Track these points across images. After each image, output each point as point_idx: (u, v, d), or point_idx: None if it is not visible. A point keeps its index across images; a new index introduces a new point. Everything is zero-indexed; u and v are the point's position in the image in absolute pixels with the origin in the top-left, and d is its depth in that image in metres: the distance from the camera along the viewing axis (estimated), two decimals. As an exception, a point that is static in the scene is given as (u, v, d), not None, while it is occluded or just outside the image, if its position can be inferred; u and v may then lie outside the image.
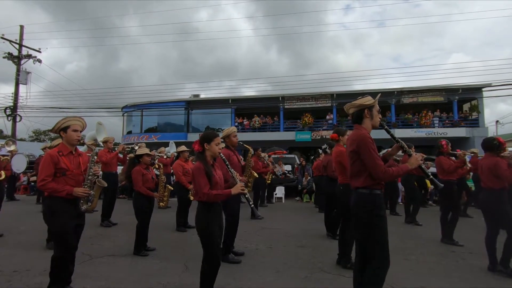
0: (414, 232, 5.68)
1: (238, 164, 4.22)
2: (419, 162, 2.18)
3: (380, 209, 2.18)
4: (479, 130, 16.80)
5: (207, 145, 2.50)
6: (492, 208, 3.70)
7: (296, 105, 19.97)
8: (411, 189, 6.67)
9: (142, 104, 22.28)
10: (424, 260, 4.03)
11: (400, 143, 2.34)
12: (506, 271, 3.44)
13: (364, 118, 2.31)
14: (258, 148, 7.57)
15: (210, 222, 2.41)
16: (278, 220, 6.82)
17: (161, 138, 20.00)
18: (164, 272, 3.51)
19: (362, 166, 2.19)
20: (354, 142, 2.22)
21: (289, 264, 3.83)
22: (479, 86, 17.23)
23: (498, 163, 3.67)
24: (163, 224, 6.09)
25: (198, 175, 2.39)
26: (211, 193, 2.36)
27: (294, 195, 10.98)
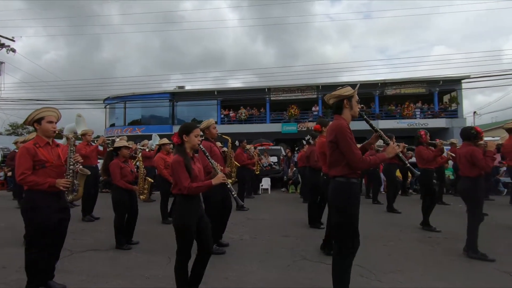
0: (394, 219, 5.87)
1: (220, 156, 4.21)
2: (396, 151, 2.24)
3: (355, 197, 2.24)
4: (458, 120, 17.39)
5: (186, 137, 2.46)
6: (469, 194, 3.86)
7: (282, 96, 19.98)
8: (392, 179, 6.86)
9: (125, 96, 21.70)
10: (402, 246, 4.19)
11: (379, 132, 2.39)
12: (477, 255, 3.62)
13: (343, 109, 2.33)
14: (243, 139, 7.55)
15: (188, 215, 2.39)
16: (263, 211, 6.89)
17: (145, 130, 19.61)
18: (148, 265, 3.49)
19: (340, 155, 2.23)
20: (333, 132, 2.25)
21: (272, 253, 3.89)
22: (459, 78, 17.76)
23: (475, 152, 3.81)
24: (147, 218, 6.02)
25: (177, 168, 2.36)
26: (191, 186, 2.34)
27: (280, 186, 11.09)
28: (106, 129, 22.45)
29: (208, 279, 3.02)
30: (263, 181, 10.48)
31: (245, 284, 2.97)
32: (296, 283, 2.98)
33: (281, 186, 11.05)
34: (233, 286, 2.95)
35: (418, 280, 3.04)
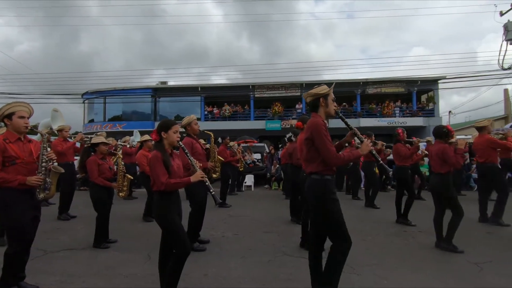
0: (372, 215, 6.06)
1: (202, 152, 4.19)
2: (369, 148, 2.31)
3: (331, 193, 2.29)
4: (434, 119, 18.09)
5: (164, 134, 2.43)
6: (439, 190, 4.04)
7: (266, 94, 20.05)
8: (371, 175, 7.06)
9: (105, 91, 21.04)
10: (379, 240, 4.33)
11: (354, 130, 2.46)
12: (449, 247, 3.81)
13: (319, 107, 2.38)
14: (226, 136, 7.53)
15: (169, 211, 2.37)
16: (246, 207, 6.91)
17: (126, 127, 19.12)
18: (126, 264, 3.43)
19: (316, 152, 2.28)
20: (309, 129, 2.29)
21: (254, 249, 3.91)
22: (435, 78, 18.46)
23: (446, 149, 3.99)
24: (127, 215, 5.92)
25: (155, 164, 2.33)
26: (169, 182, 2.32)
27: (263, 183, 11.16)
28: (84, 125, 21.70)
29: (187, 277, 3.01)
30: (247, 178, 10.51)
31: (225, 280, 2.98)
32: (276, 278, 3.02)
33: (265, 183, 11.12)
34: (212, 282, 2.95)
35: (394, 272, 3.16)
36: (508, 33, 13.81)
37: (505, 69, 14.28)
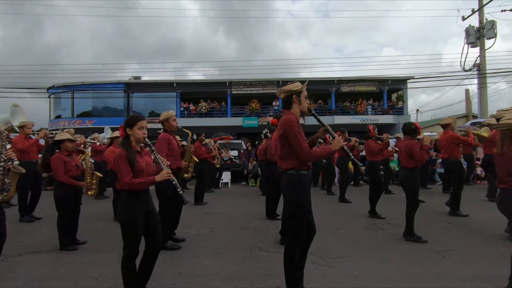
0: (345, 209, 6.26)
1: (178, 149, 4.11)
2: (341, 144, 2.38)
3: (305, 188, 2.34)
4: (403, 117, 18.96)
5: (129, 130, 2.34)
6: (406, 184, 4.26)
7: (244, 90, 19.99)
8: (345, 171, 7.30)
9: (72, 85, 19.91)
10: (351, 233, 4.49)
11: (326, 127, 2.52)
12: (413, 238, 4.03)
13: (292, 103, 2.41)
14: (201, 133, 7.43)
15: (133, 210, 2.29)
16: (222, 204, 6.88)
17: (97, 123, 18.25)
18: (96, 265, 3.30)
19: (290, 149, 2.31)
20: (282, 126, 2.32)
21: (229, 246, 3.91)
22: (404, 78, 19.35)
23: (413, 145, 4.20)
24: (97, 215, 5.69)
25: (119, 162, 2.25)
26: (133, 182, 2.24)
27: (240, 180, 11.17)
28: (50, 121, 20.45)
29: (161, 275, 2.96)
30: (223, 175, 10.45)
31: (200, 278, 2.96)
32: (252, 274, 3.04)
33: (242, 180, 11.13)
34: (187, 281, 2.91)
35: (363, 263, 3.30)
36: (469, 37, 14.78)
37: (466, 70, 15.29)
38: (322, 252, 3.57)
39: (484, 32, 14.43)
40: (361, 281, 2.87)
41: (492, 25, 14.22)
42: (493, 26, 14.21)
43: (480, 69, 14.81)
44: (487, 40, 14.58)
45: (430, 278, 2.90)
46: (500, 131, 2.61)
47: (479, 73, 14.86)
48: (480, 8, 14.72)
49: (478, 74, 14.94)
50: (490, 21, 14.35)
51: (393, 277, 2.93)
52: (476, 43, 14.72)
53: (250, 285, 2.81)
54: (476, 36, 14.62)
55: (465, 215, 5.34)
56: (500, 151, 2.56)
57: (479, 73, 14.86)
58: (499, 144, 2.59)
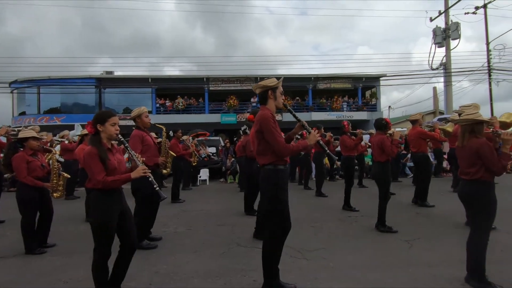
0: (321, 203, 6.43)
1: (154, 146, 4.01)
2: (316, 138, 2.44)
3: (283, 183, 2.38)
4: (376, 114, 19.69)
5: (100, 126, 2.25)
6: (378, 177, 4.44)
7: (221, 87, 19.82)
8: (321, 166, 7.47)
9: (38, 80, 18.72)
10: (327, 226, 4.63)
11: (302, 122, 2.56)
12: (385, 229, 4.23)
13: (268, 99, 2.43)
14: (178, 129, 7.29)
15: (105, 210, 2.21)
16: (200, 202, 6.82)
17: (66, 120, 17.34)
18: (66, 268, 3.16)
19: (267, 144, 2.34)
20: (258, 122, 2.34)
21: (207, 243, 3.89)
22: (377, 76, 20.06)
23: (384, 140, 4.39)
24: (68, 216, 5.44)
25: (90, 160, 2.16)
26: (106, 180, 2.16)
27: (218, 177, 11.10)
28: (14, 118, 19.15)
29: (136, 275, 2.89)
30: (201, 172, 10.35)
31: (177, 276, 2.92)
32: (230, 270, 3.05)
33: (220, 177, 11.07)
34: (164, 280, 2.87)
35: (339, 254, 3.42)
36: (436, 37, 15.58)
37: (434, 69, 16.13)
38: (299, 245, 3.65)
39: (449, 33, 15.27)
40: (336, 271, 2.97)
41: (456, 26, 15.07)
42: (458, 27, 15.07)
43: (446, 68, 15.68)
44: (452, 40, 15.44)
45: (400, 265, 3.06)
46: (461, 126, 2.79)
47: (445, 72, 15.73)
48: (446, 10, 15.54)
49: (444, 72, 15.81)
50: (455, 22, 15.21)
51: (366, 266, 3.06)
52: (443, 43, 15.54)
53: (228, 281, 2.82)
54: (443, 37, 15.44)
55: (431, 205, 5.67)
56: (461, 145, 2.74)
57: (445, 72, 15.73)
58: (460, 138, 2.76)
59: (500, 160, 2.54)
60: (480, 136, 2.65)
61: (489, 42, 16.52)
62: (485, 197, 2.60)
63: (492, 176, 2.62)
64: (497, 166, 2.54)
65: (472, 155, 2.62)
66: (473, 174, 2.63)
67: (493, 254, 2.65)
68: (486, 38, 16.66)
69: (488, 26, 16.55)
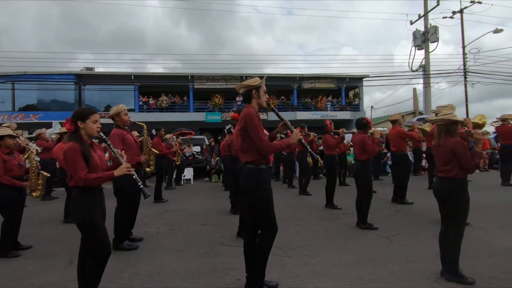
0: (305, 201, 6.50)
1: (135, 144, 3.93)
2: (298, 137, 2.47)
3: (265, 182, 2.39)
4: (359, 113, 20.10)
5: (81, 124, 2.18)
6: (360, 175, 4.54)
7: (206, 85, 19.64)
8: (304, 164, 7.55)
9: (13, 75, 17.88)
10: (310, 223, 4.69)
11: (284, 121, 2.58)
12: (366, 226, 4.33)
13: (252, 98, 2.44)
14: (161, 128, 7.17)
15: (91, 209, 2.15)
16: (183, 201, 6.74)
17: (43, 117, 16.65)
18: (42, 271, 3.04)
19: (250, 142, 2.34)
20: (242, 120, 2.34)
21: (190, 243, 3.86)
22: (360, 76, 20.50)
23: (365, 139, 4.49)
24: (45, 218, 5.25)
25: (72, 157, 2.08)
26: (89, 177, 2.10)
27: (203, 176, 11.01)
28: (-14, 114, 18.21)
29: (116, 277, 2.83)
30: (186, 171, 10.22)
31: (158, 277, 2.88)
32: (213, 269, 3.03)
33: (204, 176, 10.98)
34: (145, 280, 2.82)
35: (321, 251, 3.47)
36: (416, 40, 16.09)
37: (413, 71, 16.65)
38: (283, 243, 3.68)
39: (428, 36, 15.80)
40: (318, 268, 3.01)
41: (435, 30, 15.62)
42: (436, 31, 15.62)
43: (425, 70, 16.23)
44: (431, 43, 16.00)
45: (379, 261, 3.15)
46: (437, 125, 2.90)
47: (424, 73, 16.28)
48: (425, 14, 16.06)
49: (423, 74, 16.36)
50: (434, 26, 15.76)
51: (347, 263, 3.13)
52: (422, 46, 16.07)
53: (210, 280, 2.80)
54: (422, 40, 15.96)
55: (410, 203, 5.86)
56: (437, 143, 2.84)
57: (424, 73, 16.28)
58: (436, 137, 2.87)
59: (473, 158, 2.66)
60: (454, 135, 2.77)
61: (465, 45, 17.27)
62: (459, 195, 2.72)
63: (466, 174, 2.74)
64: (470, 164, 2.65)
65: (447, 154, 2.73)
66: (448, 171, 2.73)
67: (465, 249, 2.76)
68: (462, 41, 17.41)
69: (464, 30, 17.31)
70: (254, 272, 2.44)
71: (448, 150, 2.73)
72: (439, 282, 2.68)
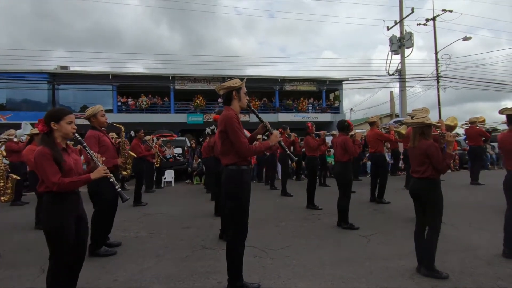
0: (287, 202, 6.55)
1: (112, 146, 3.81)
2: (278, 139, 2.49)
3: (246, 183, 2.39)
4: (339, 115, 20.59)
5: (55, 125, 2.09)
6: (341, 176, 4.63)
7: (188, 86, 19.39)
8: (286, 166, 7.62)
9: (-20, 73, 16.84)
10: (291, 224, 4.73)
11: (264, 123, 2.60)
12: (347, 226, 4.42)
13: (232, 100, 2.43)
14: (140, 129, 6.99)
15: (61, 215, 2.05)
16: (163, 204, 6.60)
17: (13, 118, 15.79)
18: (9, 282, 2.88)
19: (231, 144, 2.33)
20: (222, 122, 2.33)
21: (171, 247, 3.78)
22: (340, 79, 20.99)
23: (347, 140, 4.59)
24: (15, 224, 4.97)
25: (43, 161, 1.98)
26: (63, 182, 2.00)
27: (184, 178, 10.84)
28: (-50, 115, 17.00)
29: (92, 285, 2.72)
30: (166, 174, 10.02)
31: (137, 283, 2.80)
32: (194, 273, 2.99)
33: (186, 178, 10.82)
34: (122, 287, 2.73)
35: (302, 252, 3.50)
36: (393, 45, 16.71)
37: (390, 74, 17.26)
38: (264, 245, 3.69)
39: (404, 42, 16.45)
40: (299, 269, 3.04)
41: (410, 36, 16.29)
42: (411, 37, 16.30)
43: (401, 74, 16.88)
44: (406, 49, 16.66)
45: (357, 260, 3.22)
46: (412, 128, 3.02)
47: (400, 77, 16.93)
48: (400, 20, 16.72)
49: (399, 78, 17.00)
50: (409, 32, 16.43)
51: (327, 262, 3.18)
52: (398, 51, 16.71)
53: (191, 284, 2.76)
54: (398, 45, 16.59)
55: (387, 202, 6.05)
56: (413, 145, 2.96)
57: (400, 77, 16.93)
58: (411, 139, 2.99)
59: (445, 159, 2.80)
60: (428, 138, 2.89)
61: (437, 51, 18.13)
62: (433, 194, 2.84)
63: (438, 174, 2.87)
64: (442, 165, 2.78)
65: (421, 155, 2.85)
66: (422, 172, 2.85)
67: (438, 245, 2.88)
68: (435, 48, 18.27)
69: (437, 37, 18.16)
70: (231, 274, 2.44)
71: (421, 152, 2.85)
72: (414, 278, 2.79)
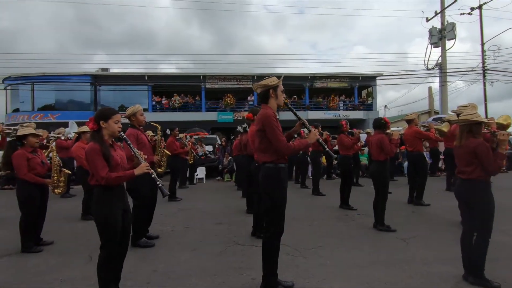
0: (319, 201, 6.45)
1: (148, 144, 4.00)
2: (316, 137, 2.45)
3: (284, 181, 2.40)
4: (373, 113, 19.82)
5: (104, 123, 2.25)
6: (378, 175, 4.46)
7: (218, 85, 19.78)
8: (317, 164, 7.50)
9: (32, 76, 18.51)
10: (324, 224, 4.65)
11: (302, 120, 2.58)
12: (383, 228, 4.25)
13: (269, 98, 2.44)
14: (175, 127, 7.26)
15: (111, 207, 2.21)
16: (197, 200, 6.81)
17: (61, 117, 17.16)
18: (63, 267, 3.14)
19: (269, 143, 2.35)
20: (260, 121, 2.35)
21: (205, 241, 3.89)
22: (374, 75, 20.17)
23: (383, 139, 4.41)
24: (64, 214, 5.40)
25: (93, 156, 2.14)
26: (110, 176, 2.15)
27: (215, 175, 11.10)
28: (7, 114, 18.92)
29: (134, 274, 2.88)
30: (198, 171, 10.33)
31: (174, 275, 2.92)
32: (228, 267, 3.05)
33: (217, 175, 11.06)
34: (162, 278, 2.86)
35: (336, 252, 3.43)
36: (432, 37, 15.69)
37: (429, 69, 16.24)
38: (297, 243, 3.67)
39: (445, 33, 15.38)
40: (333, 269, 2.99)
41: (452, 27, 15.19)
42: (453, 28, 15.18)
43: (442, 68, 15.81)
44: (448, 41, 15.57)
45: (395, 264, 3.09)
46: (459, 126, 2.82)
47: (441, 72, 15.86)
48: (442, 10, 15.64)
49: (440, 73, 15.94)
50: (451, 23, 15.32)
51: (362, 264, 3.08)
52: (438, 43, 15.66)
53: (226, 279, 2.82)
54: (438, 37, 15.55)
55: (426, 204, 5.72)
56: (459, 144, 2.77)
57: (441, 72, 15.86)
58: (458, 137, 2.79)
59: (496, 159, 2.58)
60: (478, 136, 2.68)
61: (484, 42, 16.71)
62: (483, 197, 2.64)
63: (488, 175, 2.65)
64: (493, 166, 2.57)
65: (469, 154, 2.65)
66: (470, 173, 2.66)
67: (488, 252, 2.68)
68: (481, 38, 16.85)
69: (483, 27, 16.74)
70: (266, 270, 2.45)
71: (469, 151, 2.65)
72: (459, 287, 2.61)
